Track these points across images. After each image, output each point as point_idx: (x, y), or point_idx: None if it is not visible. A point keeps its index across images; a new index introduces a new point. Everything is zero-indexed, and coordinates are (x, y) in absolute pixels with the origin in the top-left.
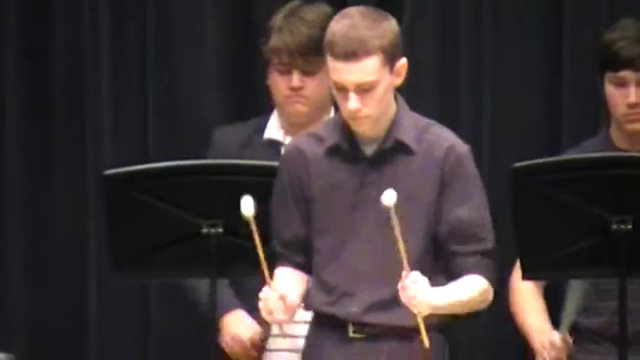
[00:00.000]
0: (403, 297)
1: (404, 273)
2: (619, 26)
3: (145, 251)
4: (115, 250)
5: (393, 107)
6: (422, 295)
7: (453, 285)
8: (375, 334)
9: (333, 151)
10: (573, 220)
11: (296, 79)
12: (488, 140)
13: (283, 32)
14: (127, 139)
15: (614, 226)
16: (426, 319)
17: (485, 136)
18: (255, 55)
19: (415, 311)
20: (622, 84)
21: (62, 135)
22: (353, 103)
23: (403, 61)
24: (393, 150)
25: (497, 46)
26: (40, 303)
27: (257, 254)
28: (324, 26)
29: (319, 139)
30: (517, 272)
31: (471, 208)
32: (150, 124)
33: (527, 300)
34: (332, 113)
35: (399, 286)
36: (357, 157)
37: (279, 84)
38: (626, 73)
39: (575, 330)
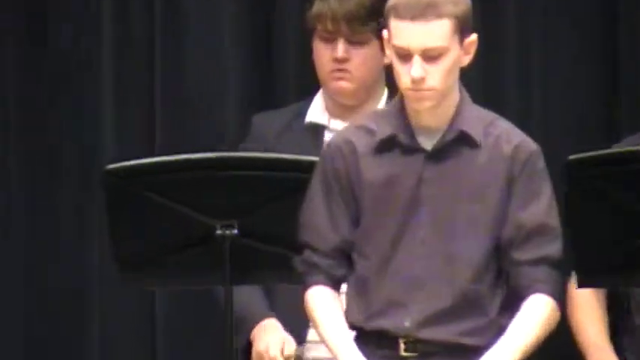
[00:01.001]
0: None
1: None
2: None
3: (152, 256)
4: (118, 254)
5: (457, 95)
6: None
7: (515, 330)
8: (430, 351)
9: (387, 144)
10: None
11: (341, 48)
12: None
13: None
14: (131, 132)
15: None
16: None
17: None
18: (274, 44)
19: None
20: None
21: (63, 130)
22: (417, 69)
23: (474, 38)
24: (455, 143)
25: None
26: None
27: (277, 257)
28: None
29: (369, 131)
30: (574, 279)
31: (540, 210)
32: (157, 115)
33: (586, 312)
34: (384, 99)
35: None
36: (414, 150)
37: (323, 55)
38: None
39: None
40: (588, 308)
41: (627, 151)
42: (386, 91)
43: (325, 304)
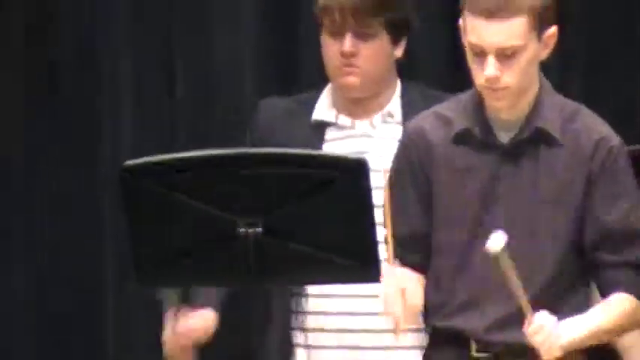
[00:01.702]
0: (532, 343)
1: (528, 318)
2: None
3: (171, 256)
4: (135, 254)
5: (536, 87)
6: (551, 339)
7: (593, 312)
8: (502, 352)
9: (463, 137)
10: None
11: (348, 42)
12: None
13: None
14: (149, 125)
15: None
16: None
17: None
18: (295, 33)
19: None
20: None
21: (76, 123)
22: (491, 69)
23: (553, 30)
24: (533, 140)
25: None
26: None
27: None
28: None
29: (447, 121)
30: None
31: (623, 211)
32: (177, 106)
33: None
34: (398, 92)
35: (526, 331)
36: (490, 144)
37: (330, 50)
38: None
39: None
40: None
41: None
42: (399, 85)
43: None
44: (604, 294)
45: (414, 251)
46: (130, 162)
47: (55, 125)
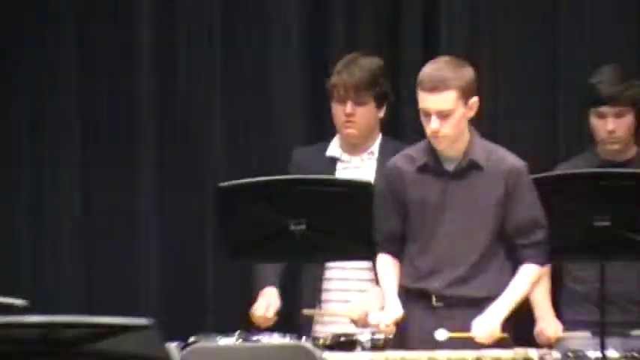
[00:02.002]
0: (480, 340)
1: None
2: (598, 71)
3: (252, 242)
4: (227, 244)
5: (467, 135)
6: (488, 334)
7: (511, 287)
8: (452, 302)
9: (423, 168)
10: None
11: (349, 107)
12: None
13: (342, 74)
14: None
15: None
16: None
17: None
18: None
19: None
20: (602, 116)
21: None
22: (434, 124)
23: (475, 99)
24: (468, 168)
25: None
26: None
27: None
28: (374, 72)
29: (412, 159)
30: None
31: (527, 212)
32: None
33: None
34: (379, 139)
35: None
36: (441, 172)
37: (338, 111)
38: (604, 109)
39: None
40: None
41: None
42: (380, 135)
43: (384, 266)
44: (518, 265)
45: (393, 244)
46: (224, 183)
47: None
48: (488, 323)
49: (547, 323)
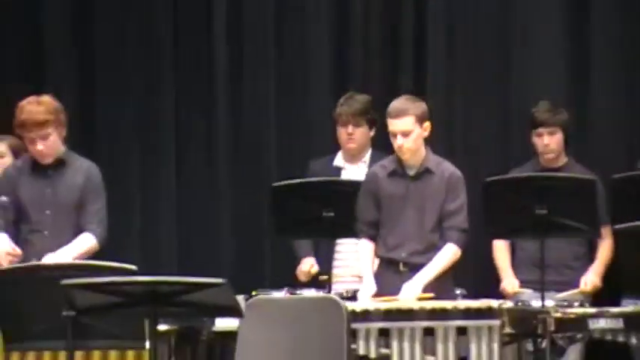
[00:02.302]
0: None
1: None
2: (537, 104)
3: (294, 224)
4: (278, 228)
5: (423, 150)
6: (412, 296)
7: (431, 265)
8: (413, 268)
9: (392, 173)
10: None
11: (350, 128)
12: None
13: (344, 106)
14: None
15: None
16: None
17: None
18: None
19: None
20: (540, 135)
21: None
22: (398, 141)
23: (427, 124)
24: (424, 173)
25: None
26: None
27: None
28: (366, 104)
29: (384, 167)
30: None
31: (458, 204)
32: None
33: (499, 251)
34: (369, 152)
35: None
36: (405, 175)
37: (341, 132)
38: (541, 130)
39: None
40: (501, 249)
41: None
42: (370, 149)
43: (364, 250)
44: (444, 244)
45: (371, 229)
46: (277, 183)
47: None
48: (412, 288)
49: (508, 282)
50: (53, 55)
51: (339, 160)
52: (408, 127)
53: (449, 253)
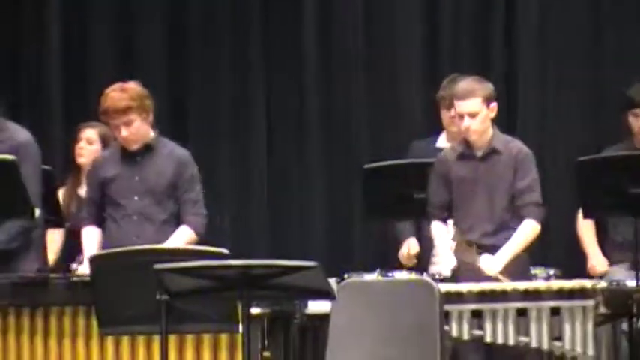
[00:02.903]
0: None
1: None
2: (632, 85)
3: (387, 207)
4: (369, 206)
5: (491, 131)
6: (493, 269)
7: (512, 241)
8: (486, 250)
9: (461, 156)
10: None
11: (453, 111)
12: None
13: (447, 88)
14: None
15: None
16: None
17: None
18: None
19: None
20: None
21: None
22: (466, 122)
23: (494, 104)
24: (491, 153)
25: None
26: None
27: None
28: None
29: (454, 149)
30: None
31: (529, 181)
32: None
33: (585, 230)
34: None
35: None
36: (473, 157)
37: (445, 114)
38: (637, 110)
39: None
40: (587, 228)
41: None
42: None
43: (438, 229)
44: (521, 221)
45: (443, 212)
46: (369, 165)
47: None
48: (493, 261)
49: (596, 260)
50: (144, 38)
51: (442, 141)
52: (475, 109)
53: (528, 229)
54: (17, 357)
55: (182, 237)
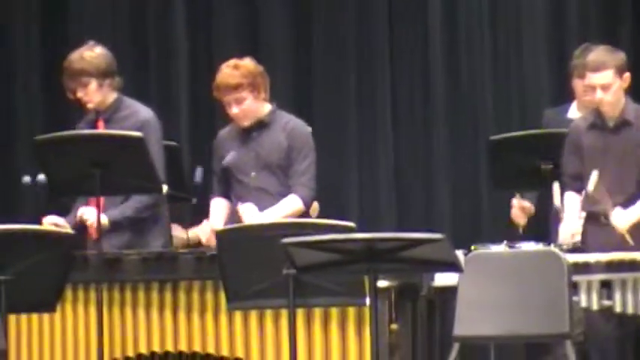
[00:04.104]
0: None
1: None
2: None
3: (513, 178)
4: (495, 177)
5: (623, 101)
6: (623, 223)
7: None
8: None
9: (592, 125)
10: None
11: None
12: None
13: (581, 57)
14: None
15: None
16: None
17: None
18: None
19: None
20: None
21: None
22: (599, 94)
23: (628, 74)
24: (622, 124)
25: None
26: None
27: None
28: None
29: (586, 120)
30: None
31: None
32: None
33: None
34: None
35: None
36: (605, 127)
37: (578, 84)
38: None
39: None
40: None
41: None
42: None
43: (570, 199)
44: None
45: (577, 181)
46: (493, 137)
47: None
48: (626, 215)
49: None
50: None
51: (573, 111)
52: (608, 81)
53: None
54: (146, 331)
55: (290, 206)
